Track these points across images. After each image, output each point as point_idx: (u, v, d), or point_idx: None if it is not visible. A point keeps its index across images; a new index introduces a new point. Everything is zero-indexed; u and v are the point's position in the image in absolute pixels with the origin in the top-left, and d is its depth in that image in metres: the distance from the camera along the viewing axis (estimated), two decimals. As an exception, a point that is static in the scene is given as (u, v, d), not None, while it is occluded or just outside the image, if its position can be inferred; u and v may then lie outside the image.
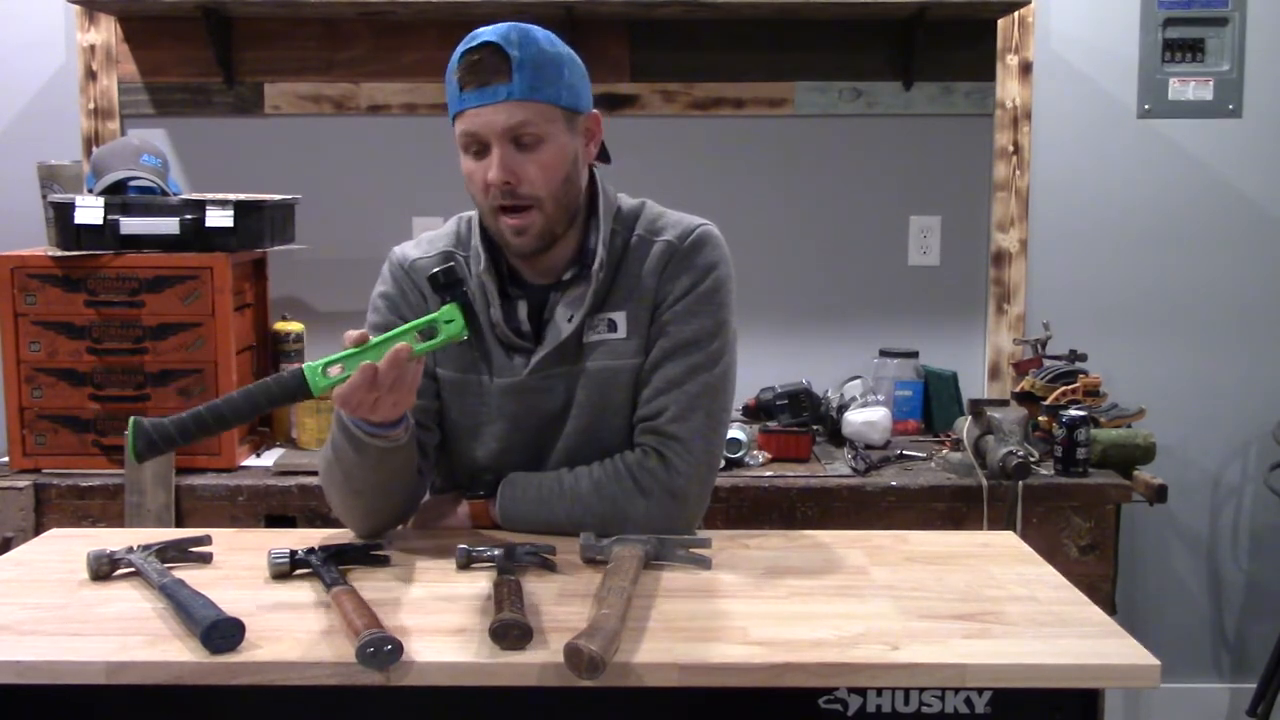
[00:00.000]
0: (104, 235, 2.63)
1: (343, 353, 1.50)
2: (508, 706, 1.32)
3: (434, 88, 3.11)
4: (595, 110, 1.76)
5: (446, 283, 1.55)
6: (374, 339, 1.52)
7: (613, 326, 1.76)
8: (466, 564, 1.59)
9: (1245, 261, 3.19)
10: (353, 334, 1.52)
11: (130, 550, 1.59)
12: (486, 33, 1.64)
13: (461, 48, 1.65)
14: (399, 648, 1.27)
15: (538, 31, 1.67)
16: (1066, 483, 2.63)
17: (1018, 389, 2.91)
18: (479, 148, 1.66)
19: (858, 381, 3.02)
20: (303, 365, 1.50)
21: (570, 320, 1.74)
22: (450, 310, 1.54)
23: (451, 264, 1.61)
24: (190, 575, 1.52)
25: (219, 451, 2.64)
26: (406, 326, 1.54)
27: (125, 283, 2.63)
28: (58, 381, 2.65)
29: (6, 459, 2.73)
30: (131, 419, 1.45)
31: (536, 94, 1.64)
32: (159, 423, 1.45)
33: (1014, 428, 2.70)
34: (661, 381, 1.73)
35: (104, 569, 1.56)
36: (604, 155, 1.81)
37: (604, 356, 1.75)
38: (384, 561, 1.61)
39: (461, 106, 1.65)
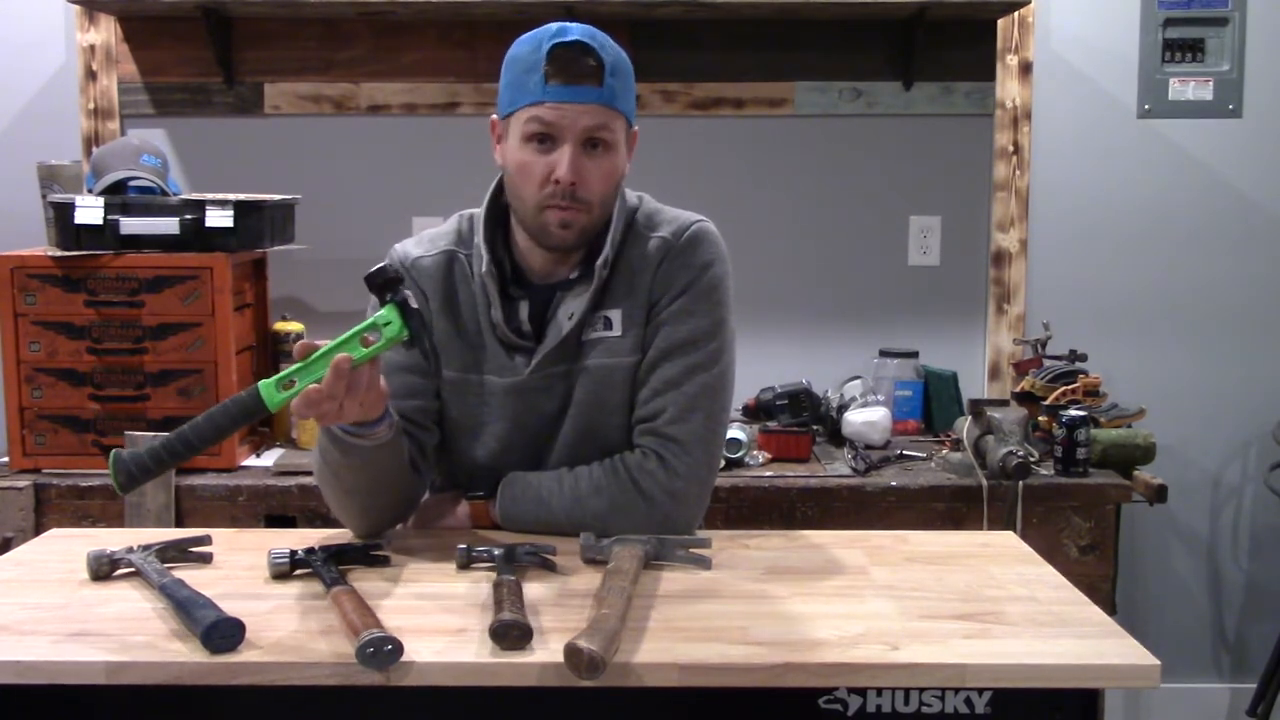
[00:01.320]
0: (104, 235, 2.63)
1: (293, 367, 1.49)
2: (508, 706, 1.32)
3: (434, 88, 3.11)
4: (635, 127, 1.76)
5: (382, 283, 1.51)
6: (319, 350, 1.48)
7: (608, 324, 1.75)
8: (466, 564, 1.59)
9: (1245, 261, 3.19)
10: (299, 346, 1.49)
11: (130, 550, 1.59)
12: (574, 30, 1.65)
13: (547, 41, 1.64)
14: (399, 648, 1.27)
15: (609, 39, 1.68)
16: (1066, 483, 2.63)
17: (1018, 389, 2.90)
18: (545, 140, 1.66)
19: (858, 381, 3.02)
20: (259, 383, 1.48)
21: (571, 318, 1.74)
22: (388, 312, 1.50)
23: (385, 264, 1.56)
24: (190, 575, 1.52)
25: (219, 452, 2.64)
26: (349, 334, 1.49)
27: (125, 283, 2.63)
28: (58, 381, 2.65)
29: (6, 459, 2.73)
30: (112, 453, 1.45)
31: (617, 102, 1.67)
32: (135, 454, 1.45)
33: (1014, 428, 2.70)
34: (659, 382, 1.73)
35: (104, 569, 1.56)
36: None
37: (601, 355, 1.75)
38: (384, 561, 1.61)
39: (542, 97, 1.64)
